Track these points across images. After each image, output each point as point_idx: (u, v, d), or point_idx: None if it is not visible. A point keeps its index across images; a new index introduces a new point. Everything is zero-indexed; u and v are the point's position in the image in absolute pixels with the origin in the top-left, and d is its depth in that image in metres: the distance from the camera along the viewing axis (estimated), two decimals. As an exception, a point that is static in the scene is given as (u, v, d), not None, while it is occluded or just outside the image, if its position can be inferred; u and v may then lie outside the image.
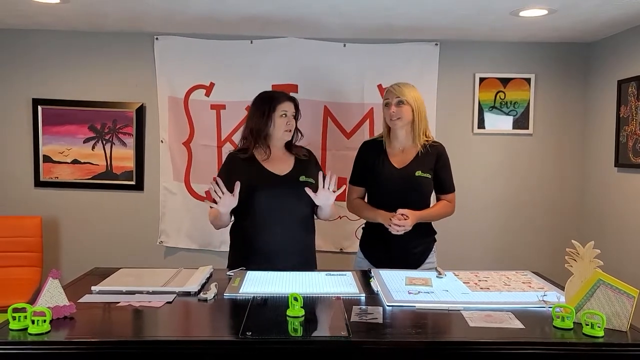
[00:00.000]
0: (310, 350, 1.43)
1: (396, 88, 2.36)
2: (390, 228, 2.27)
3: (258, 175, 2.25)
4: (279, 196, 2.24)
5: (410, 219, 2.27)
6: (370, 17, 2.92)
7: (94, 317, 1.60)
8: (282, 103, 2.28)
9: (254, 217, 2.24)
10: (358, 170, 2.52)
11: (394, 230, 2.27)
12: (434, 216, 2.44)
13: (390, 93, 2.37)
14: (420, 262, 2.41)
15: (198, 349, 1.41)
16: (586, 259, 1.58)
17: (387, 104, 2.37)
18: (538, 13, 2.76)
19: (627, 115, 3.02)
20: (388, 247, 2.38)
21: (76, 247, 3.50)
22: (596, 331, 1.45)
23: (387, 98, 2.38)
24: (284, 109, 2.27)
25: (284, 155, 2.35)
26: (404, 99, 2.33)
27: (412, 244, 2.37)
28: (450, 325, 1.57)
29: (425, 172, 2.37)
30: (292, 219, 2.26)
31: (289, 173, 2.29)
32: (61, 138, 3.44)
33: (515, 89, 3.46)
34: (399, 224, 2.25)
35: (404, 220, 2.25)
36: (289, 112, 2.29)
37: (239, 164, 2.29)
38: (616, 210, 3.15)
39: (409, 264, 2.33)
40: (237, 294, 1.81)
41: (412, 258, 2.39)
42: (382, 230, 2.34)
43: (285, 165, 2.31)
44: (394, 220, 2.25)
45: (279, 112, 2.26)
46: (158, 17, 3.00)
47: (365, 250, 2.50)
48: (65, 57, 3.41)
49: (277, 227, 2.23)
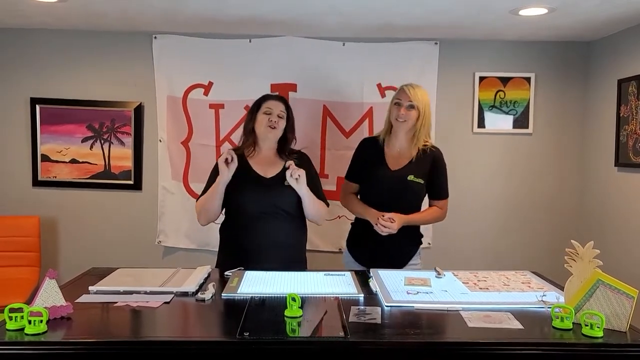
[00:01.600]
0: (308, 350, 1.42)
1: (411, 90, 2.34)
2: (377, 227, 2.30)
3: (244, 175, 2.30)
4: (262, 197, 2.26)
5: (396, 222, 2.29)
6: (369, 16, 2.92)
7: (91, 318, 1.59)
8: (268, 101, 2.35)
9: (239, 216, 2.28)
10: (354, 167, 2.53)
11: (379, 230, 2.30)
12: (421, 221, 2.47)
13: (404, 94, 2.35)
14: (403, 263, 2.44)
15: (195, 349, 1.41)
16: (586, 259, 1.57)
17: (398, 104, 2.36)
18: (538, 12, 2.75)
19: (628, 114, 3.01)
20: (373, 245, 2.40)
21: (74, 246, 3.49)
22: (595, 331, 1.45)
23: (400, 98, 2.37)
24: (268, 107, 2.33)
25: (274, 158, 2.38)
26: (415, 104, 2.33)
27: (396, 244, 2.39)
28: (448, 326, 1.57)
29: (418, 177, 2.38)
30: (275, 220, 2.27)
31: (275, 176, 2.32)
32: (59, 137, 3.43)
33: (515, 88, 3.45)
34: (384, 224, 2.28)
35: (390, 222, 2.27)
36: (275, 110, 2.32)
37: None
38: (616, 210, 3.15)
39: (392, 264, 2.34)
40: (235, 294, 1.80)
41: (395, 258, 2.41)
42: (369, 227, 2.36)
43: (272, 168, 2.34)
44: (380, 221, 2.28)
45: (263, 109, 2.33)
46: (156, 16, 3.00)
47: (350, 247, 2.54)
48: (64, 57, 3.40)
49: (261, 227, 2.25)
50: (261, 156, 2.36)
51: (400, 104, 2.35)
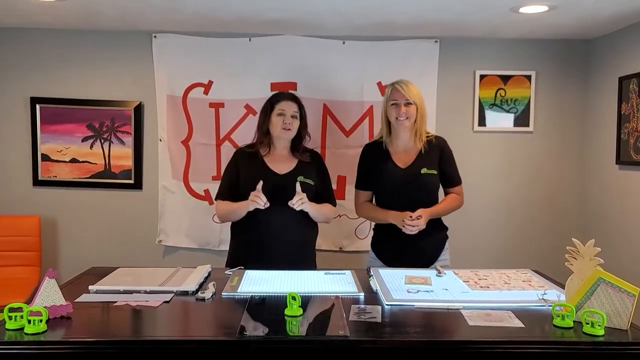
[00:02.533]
0: (308, 349, 1.42)
1: (404, 88, 2.34)
2: (404, 229, 2.27)
3: (259, 171, 2.34)
4: (277, 193, 2.27)
5: (423, 217, 2.26)
6: (369, 15, 2.91)
7: (91, 317, 1.59)
8: (281, 102, 2.37)
9: (255, 212, 2.28)
10: (362, 174, 2.51)
11: (407, 231, 2.26)
12: (444, 211, 2.44)
13: (398, 93, 2.34)
14: (433, 260, 2.39)
15: (196, 348, 1.40)
16: (586, 257, 1.57)
17: (396, 104, 2.35)
18: (538, 9, 2.74)
19: (629, 112, 3.00)
20: (400, 246, 2.36)
21: (74, 246, 3.49)
22: (596, 330, 1.44)
23: (395, 98, 2.35)
24: (281, 108, 2.35)
25: (288, 155, 2.42)
26: (412, 99, 2.33)
27: (424, 241, 2.35)
28: (449, 324, 1.57)
29: (430, 168, 2.38)
30: (290, 216, 2.29)
31: (289, 172, 2.35)
32: (59, 137, 3.42)
33: (516, 86, 3.44)
34: (412, 224, 2.25)
35: (417, 220, 2.25)
36: (288, 112, 2.35)
37: (245, 157, 2.42)
38: (617, 208, 3.14)
39: (422, 262, 2.31)
40: (235, 293, 1.80)
41: (425, 256, 2.38)
42: (393, 229, 2.33)
43: (286, 165, 2.37)
44: (407, 221, 2.25)
45: (276, 111, 2.35)
46: (156, 15, 2.99)
47: (377, 250, 2.49)
48: (64, 56, 3.39)
49: (275, 223, 2.28)
50: (275, 154, 2.41)
51: (397, 103, 2.34)
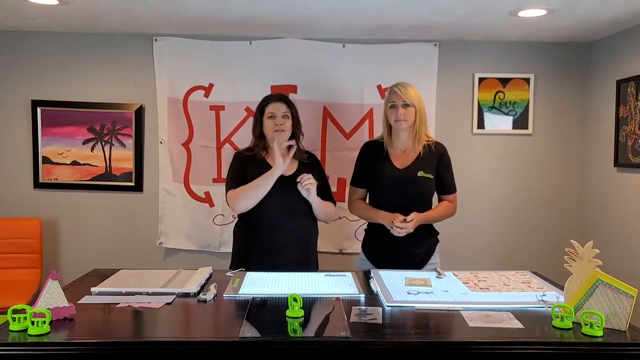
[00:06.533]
0: (309, 350, 1.43)
1: (402, 90, 2.35)
2: (392, 230, 2.28)
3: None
4: (282, 195, 2.28)
5: (414, 222, 2.27)
6: (369, 18, 2.92)
7: (94, 318, 1.60)
8: (270, 104, 2.39)
9: (260, 215, 2.30)
10: (359, 172, 2.52)
11: (395, 232, 2.27)
12: (437, 217, 2.44)
13: (396, 95, 2.35)
14: (423, 263, 2.41)
15: (197, 350, 1.41)
16: (585, 259, 1.58)
17: (393, 106, 2.36)
18: (537, 13, 2.76)
19: (627, 115, 3.02)
20: (390, 248, 2.37)
21: (75, 248, 3.50)
22: (595, 331, 1.45)
23: (393, 100, 2.37)
24: (270, 111, 2.37)
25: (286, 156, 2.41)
26: (409, 101, 2.34)
27: (414, 245, 2.37)
28: (449, 326, 1.58)
29: (427, 172, 2.38)
30: (293, 217, 2.31)
31: (294, 174, 2.35)
32: (60, 139, 3.44)
33: (515, 89, 3.46)
34: (401, 226, 2.25)
35: (405, 223, 2.26)
36: (278, 113, 2.36)
37: (245, 160, 2.41)
38: (615, 210, 3.15)
39: (412, 265, 2.33)
40: (237, 294, 1.81)
41: (415, 259, 2.39)
42: (384, 231, 2.34)
43: (289, 167, 2.36)
44: (395, 223, 2.26)
45: (267, 114, 2.37)
46: (157, 18, 3.00)
47: (368, 251, 2.50)
48: (65, 59, 3.41)
49: (279, 224, 2.30)
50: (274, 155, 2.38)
51: (395, 105, 2.35)
